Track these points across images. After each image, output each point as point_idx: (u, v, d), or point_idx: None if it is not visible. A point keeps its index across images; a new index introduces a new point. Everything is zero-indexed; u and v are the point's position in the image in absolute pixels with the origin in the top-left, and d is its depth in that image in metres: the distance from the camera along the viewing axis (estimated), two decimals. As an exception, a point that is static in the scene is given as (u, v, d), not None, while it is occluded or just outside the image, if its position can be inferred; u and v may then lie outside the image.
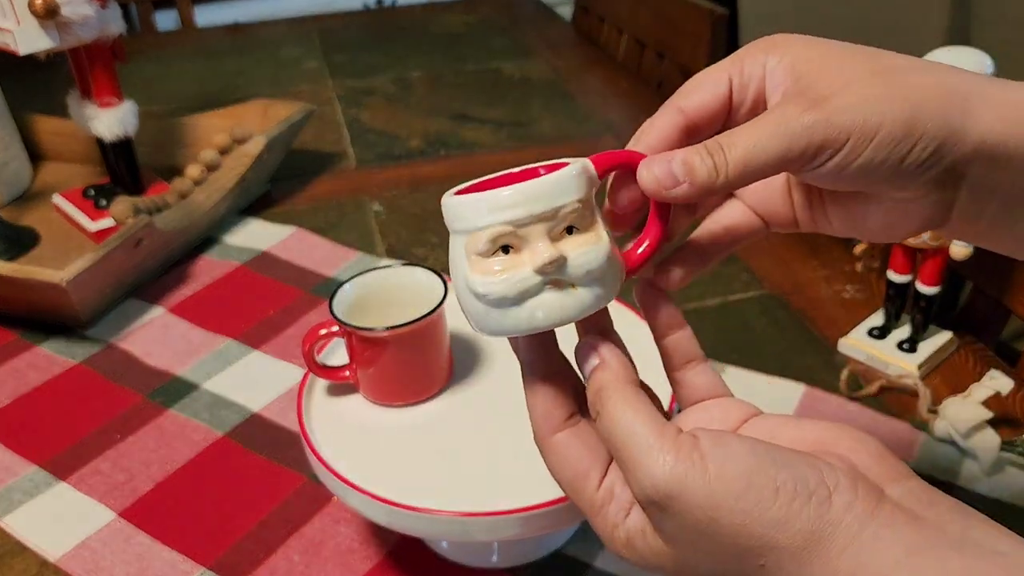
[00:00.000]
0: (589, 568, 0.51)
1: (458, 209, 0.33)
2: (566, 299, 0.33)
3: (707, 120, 0.35)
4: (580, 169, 0.33)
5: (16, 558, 0.53)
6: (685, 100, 0.34)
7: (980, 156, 0.31)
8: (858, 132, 0.30)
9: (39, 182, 0.94)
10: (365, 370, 0.50)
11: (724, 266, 0.78)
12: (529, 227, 0.32)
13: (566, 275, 0.32)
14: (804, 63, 0.32)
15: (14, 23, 0.71)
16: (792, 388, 0.63)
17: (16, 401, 0.65)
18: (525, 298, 0.32)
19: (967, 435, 0.56)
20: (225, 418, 0.62)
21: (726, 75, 0.34)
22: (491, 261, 0.32)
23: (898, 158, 0.30)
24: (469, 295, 0.33)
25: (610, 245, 0.33)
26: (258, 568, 0.51)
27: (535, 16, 1.54)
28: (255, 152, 0.85)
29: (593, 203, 0.34)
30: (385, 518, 0.44)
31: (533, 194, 0.32)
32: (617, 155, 0.34)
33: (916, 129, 0.30)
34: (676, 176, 0.32)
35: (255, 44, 1.42)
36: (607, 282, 0.33)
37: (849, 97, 0.30)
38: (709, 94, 0.34)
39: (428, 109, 1.15)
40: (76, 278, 0.67)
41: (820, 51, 0.33)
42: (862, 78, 0.31)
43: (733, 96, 0.34)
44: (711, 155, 0.32)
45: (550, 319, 0.33)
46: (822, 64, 0.32)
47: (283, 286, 0.77)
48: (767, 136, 0.31)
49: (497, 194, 0.32)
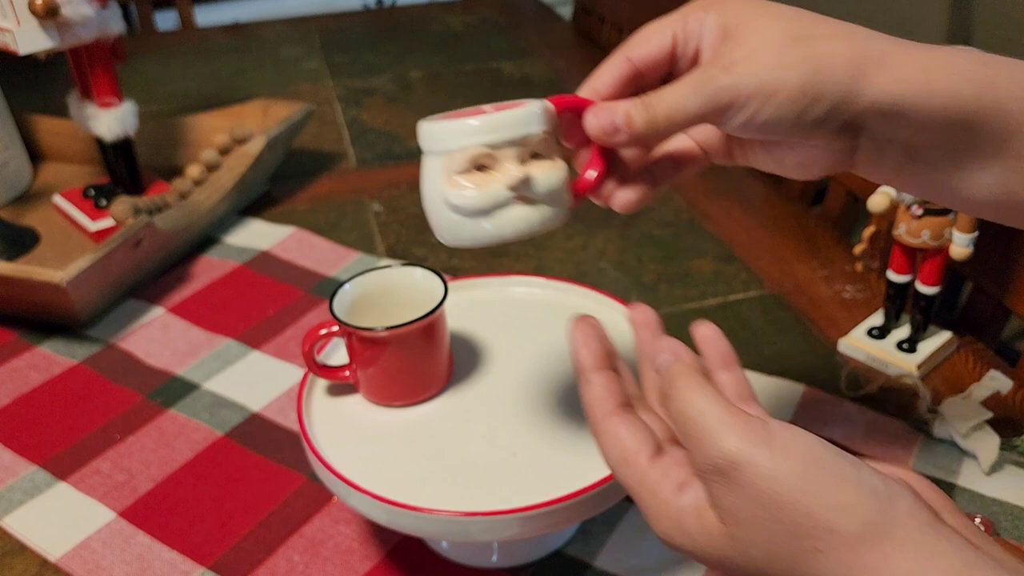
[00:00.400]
0: (589, 568, 0.51)
1: (440, 132, 0.38)
2: (531, 212, 0.39)
3: (652, 69, 0.40)
4: (544, 106, 0.38)
5: (16, 558, 0.53)
6: (634, 51, 0.39)
7: (875, 113, 0.36)
8: (760, 95, 0.35)
9: (39, 182, 0.94)
10: (365, 370, 0.50)
11: (724, 265, 0.78)
12: (502, 150, 0.37)
13: (532, 192, 0.38)
14: (733, 24, 0.37)
15: (14, 23, 0.71)
16: (792, 388, 0.63)
17: (16, 401, 0.65)
18: (495, 209, 0.38)
19: (967, 435, 0.56)
20: (225, 418, 0.62)
21: (671, 30, 0.39)
22: (466, 178, 0.38)
23: (795, 115, 0.36)
24: (444, 208, 0.38)
25: (565, 171, 0.39)
26: (258, 568, 0.51)
27: (535, 16, 1.54)
28: (255, 152, 0.86)
29: (553, 136, 0.39)
30: (385, 518, 0.44)
31: (507, 122, 0.37)
32: (572, 99, 0.40)
33: (811, 92, 0.35)
34: (617, 124, 0.38)
35: (255, 44, 1.42)
36: (564, 201, 0.40)
37: (755, 65, 0.35)
38: (655, 46, 0.39)
39: (428, 109, 1.14)
40: (76, 278, 0.67)
41: (749, 11, 0.37)
42: (773, 45, 0.36)
43: (676, 49, 0.39)
44: (646, 107, 0.37)
45: (517, 229, 0.38)
46: (748, 27, 0.37)
47: (283, 286, 0.77)
48: (688, 95, 0.37)
49: (477, 119, 0.37)
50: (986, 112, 0.35)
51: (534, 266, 0.79)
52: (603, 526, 0.53)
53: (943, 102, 0.35)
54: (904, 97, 0.35)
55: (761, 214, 0.87)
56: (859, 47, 0.36)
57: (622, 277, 0.77)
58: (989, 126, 0.36)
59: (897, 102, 0.35)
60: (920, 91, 0.35)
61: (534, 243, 0.82)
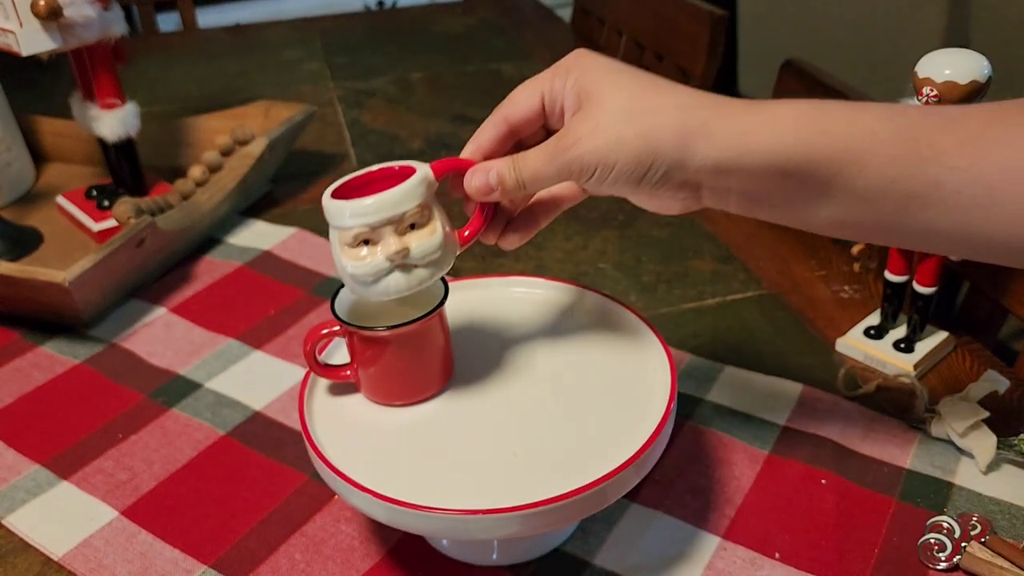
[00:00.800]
0: (588, 566, 0.51)
1: (331, 211, 0.44)
2: (410, 277, 0.45)
3: (526, 125, 0.46)
4: (421, 179, 0.44)
5: (19, 556, 0.53)
6: (508, 111, 0.45)
7: (704, 173, 0.41)
8: (601, 165, 0.42)
9: (42, 183, 0.95)
10: (366, 370, 0.50)
11: (723, 266, 0.79)
12: (381, 228, 0.44)
13: (410, 260, 0.45)
14: (587, 92, 0.43)
15: (16, 24, 0.72)
16: (790, 387, 0.63)
17: (19, 400, 0.65)
18: (380, 278, 0.45)
19: (964, 434, 0.56)
20: (227, 417, 0.63)
21: (539, 91, 0.45)
22: (356, 250, 0.44)
23: (635, 180, 0.42)
24: (344, 272, 0.45)
25: (443, 234, 0.45)
26: (260, 566, 0.52)
27: (535, 18, 1.54)
28: (257, 153, 0.86)
29: (432, 202, 0.45)
30: (386, 516, 0.44)
31: (384, 203, 0.43)
32: (452, 162, 0.46)
33: (645, 162, 0.41)
34: (491, 185, 0.45)
35: (256, 45, 1.42)
36: (441, 262, 0.46)
37: (596, 140, 0.41)
38: (526, 107, 0.45)
39: (429, 110, 1.16)
40: (79, 278, 0.67)
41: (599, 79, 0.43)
42: (614, 119, 0.41)
43: (546, 107, 0.45)
44: (514, 170, 0.44)
45: (399, 291, 0.45)
46: (596, 98, 0.42)
47: (284, 286, 0.77)
48: (545, 162, 0.43)
49: (358, 203, 0.43)
50: (806, 163, 0.40)
51: (534, 266, 0.80)
52: (602, 524, 0.53)
53: (762, 160, 0.40)
54: (726, 160, 0.41)
55: (760, 215, 0.87)
56: (685, 120, 0.41)
57: (621, 277, 0.78)
58: (811, 174, 0.41)
59: (720, 164, 0.41)
60: (740, 154, 0.41)
61: (534, 243, 0.83)
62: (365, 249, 0.44)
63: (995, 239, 0.41)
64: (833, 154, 0.40)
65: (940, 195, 0.40)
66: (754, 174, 0.41)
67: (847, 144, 0.40)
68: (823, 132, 0.40)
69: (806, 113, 0.41)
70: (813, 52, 1.75)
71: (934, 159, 0.40)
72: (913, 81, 0.56)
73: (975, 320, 0.71)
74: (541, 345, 0.54)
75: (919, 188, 0.40)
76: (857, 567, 0.50)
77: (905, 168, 0.40)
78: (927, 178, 0.40)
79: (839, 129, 0.40)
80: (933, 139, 0.40)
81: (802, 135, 0.40)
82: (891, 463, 0.56)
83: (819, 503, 0.54)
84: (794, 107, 0.41)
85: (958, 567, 0.49)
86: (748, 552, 0.51)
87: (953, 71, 0.53)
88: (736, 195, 0.43)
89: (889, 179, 0.40)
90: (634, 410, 0.49)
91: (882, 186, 0.40)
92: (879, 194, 0.41)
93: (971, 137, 0.40)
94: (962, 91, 0.53)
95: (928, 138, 0.40)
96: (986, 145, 0.39)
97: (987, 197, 0.39)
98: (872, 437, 0.58)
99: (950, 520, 0.52)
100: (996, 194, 0.39)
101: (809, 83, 0.89)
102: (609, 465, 0.44)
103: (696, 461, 0.57)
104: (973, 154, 0.39)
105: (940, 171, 0.40)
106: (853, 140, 0.40)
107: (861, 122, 0.41)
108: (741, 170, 0.41)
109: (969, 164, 0.39)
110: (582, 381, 0.51)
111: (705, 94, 0.43)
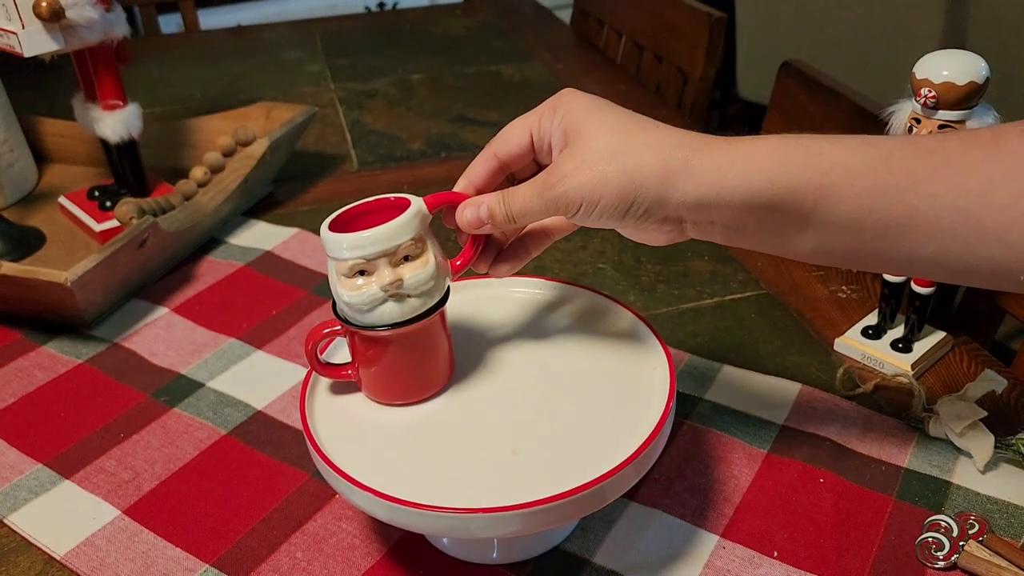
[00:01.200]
0: (588, 564, 0.51)
1: (328, 243, 0.46)
2: (403, 307, 0.47)
3: (516, 160, 0.48)
4: (415, 213, 0.46)
5: (22, 555, 0.54)
6: (499, 147, 0.47)
7: (685, 209, 0.43)
8: (586, 202, 0.43)
9: (44, 183, 0.95)
10: (367, 369, 0.51)
11: (721, 266, 0.79)
12: (376, 260, 0.46)
13: (403, 290, 0.46)
14: (573, 129, 0.44)
15: (19, 25, 0.72)
16: (789, 387, 0.63)
17: (21, 400, 0.66)
18: (375, 307, 0.47)
19: (962, 434, 0.56)
20: (229, 416, 0.63)
21: (528, 129, 0.47)
22: (352, 280, 0.46)
23: (619, 215, 0.43)
24: (340, 300, 0.47)
25: (435, 266, 0.47)
26: (261, 565, 0.52)
27: (535, 19, 1.55)
28: (258, 154, 0.86)
29: (425, 235, 0.47)
30: (387, 515, 0.45)
31: (379, 237, 0.45)
32: (445, 196, 0.48)
33: (628, 199, 0.43)
34: (482, 219, 0.47)
35: (258, 47, 1.43)
36: (433, 291, 0.48)
37: (581, 177, 0.43)
38: (516, 144, 0.47)
39: (429, 111, 1.16)
40: (81, 278, 0.67)
41: (585, 117, 0.44)
42: (598, 157, 0.43)
43: (534, 143, 0.47)
44: (504, 204, 0.46)
45: (393, 319, 0.47)
46: (581, 135, 0.44)
47: (286, 286, 0.78)
48: (532, 197, 0.45)
49: (355, 236, 0.45)
50: (781, 197, 0.42)
51: (534, 266, 0.80)
52: (602, 523, 0.53)
53: (739, 195, 0.42)
54: (705, 196, 0.42)
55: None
56: (667, 159, 0.42)
57: (621, 277, 0.78)
58: (788, 207, 0.42)
59: (700, 200, 0.42)
60: (718, 191, 0.42)
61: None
62: (361, 279, 0.46)
63: (978, 265, 0.41)
64: (808, 187, 0.41)
65: (919, 223, 0.41)
66: (733, 209, 0.42)
67: (821, 178, 0.41)
68: (799, 165, 0.41)
69: (779, 149, 0.42)
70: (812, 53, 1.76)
71: (911, 188, 0.40)
72: (911, 82, 0.56)
73: (973, 320, 0.71)
74: (541, 345, 0.55)
75: (897, 217, 0.41)
76: (855, 566, 0.50)
77: (882, 198, 0.41)
78: (905, 207, 0.41)
79: (813, 162, 0.41)
80: (909, 168, 0.41)
81: (776, 170, 0.42)
82: (889, 462, 0.57)
83: (817, 502, 0.54)
84: (769, 143, 0.43)
85: (956, 566, 0.49)
86: (747, 551, 0.51)
87: (951, 72, 0.54)
88: (719, 228, 0.44)
89: (866, 209, 0.41)
90: (633, 409, 0.49)
91: (860, 216, 0.41)
92: (857, 224, 0.42)
93: (945, 164, 0.40)
94: (960, 92, 0.54)
95: (903, 167, 0.41)
96: (961, 172, 0.40)
97: (965, 224, 0.40)
98: (870, 436, 0.59)
99: (948, 519, 0.52)
100: (973, 220, 0.40)
101: (808, 84, 0.90)
102: (608, 464, 0.44)
103: (695, 460, 0.58)
104: (948, 182, 0.40)
105: (918, 199, 0.40)
106: (827, 174, 0.41)
107: (835, 155, 0.42)
108: (720, 205, 0.42)
109: (945, 191, 0.40)
110: (581, 380, 0.52)
111: (688, 133, 0.44)
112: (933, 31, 1.54)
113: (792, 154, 0.42)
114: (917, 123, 0.57)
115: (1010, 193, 0.39)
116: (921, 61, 0.55)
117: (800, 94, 0.91)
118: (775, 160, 0.42)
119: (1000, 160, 0.40)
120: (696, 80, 1.13)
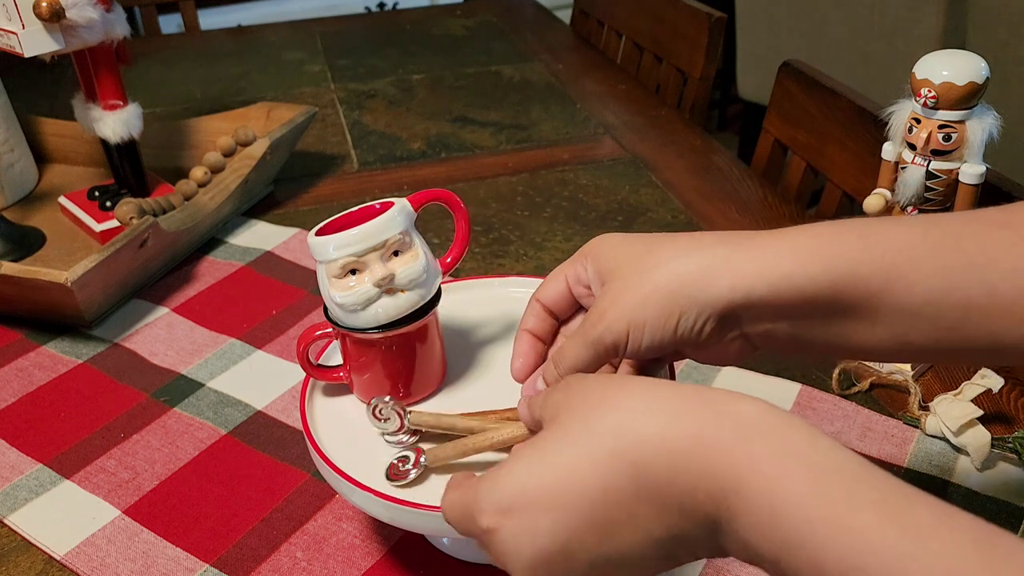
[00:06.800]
0: (587, 564, 0.51)
1: (316, 247, 0.47)
2: (398, 301, 0.47)
3: (559, 307, 0.47)
4: (400, 208, 0.47)
5: (22, 555, 0.54)
6: (542, 295, 0.47)
7: (737, 307, 0.39)
8: (632, 329, 0.40)
9: (45, 184, 0.95)
10: (359, 371, 0.51)
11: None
12: (366, 256, 0.46)
13: (396, 285, 0.47)
14: (605, 269, 0.43)
15: (19, 26, 0.72)
16: (788, 387, 0.63)
17: (22, 400, 0.66)
18: (369, 304, 0.47)
19: (959, 432, 0.56)
20: (229, 416, 0.63)
21: (564, 277, 0.46)
22: (344, 280, 0.47)
23: (671, 332, 0.40)
24: (332, 304, 0.47)
25: (426, 260, 0.48)
26: (261, 564, 0.52)
27: (535, 20, 1.55)
28: (258, 154, 0.86)
29: (412, 231, 0.48)
30: (387, 515, 0.45)
31: (367, 233, 0.46)
32: (428, 194, 0.49)
33: (675, 312, 0.40)
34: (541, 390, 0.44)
35: (258, 47, 1.43)
36: (427, 285, 0.48)
37: (620, 307, 0.41)
38: (555, 291, 0.47)
39: (429, 112, 1.16)
40: (81, 278, 0.67)
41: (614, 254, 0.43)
42: (634, 284, 0.41)
43: (572, 289, 0.46)
44: (556, 367, 0.44)
45: (389, 315, 0.47)
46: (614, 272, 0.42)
47: (286, 286, 0.78)
48: (580, 348, 0.43)
49: (341, 235, 0.46)
50: (844, 281, 0.38)
51: (534, 266, 0.80)
52: (601, 523, 0.53)
53: (795, 283, 0.38)
54: (756, 290, 0.39)
55: (757, 215, 0.88)
56: (704, 258, 0.40)
57: (621, 278, 0.78)
58: (851, 292, 0.38)
59: (751, 296, 0.39)
60: (769, 281, 0.38)
61: (534, 243, 0.83)
62: (353, 279, 0.47)
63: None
64: (871, 269, 0.38)
65: (1000, 303, 0.37)
66: (789, 302, 0.39)
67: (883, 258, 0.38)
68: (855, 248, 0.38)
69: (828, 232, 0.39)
70: (812, 54, 1.76)
71: (987, 265, 0.37)
72: (911, 82, 0.56)
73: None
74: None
75: (977, 298, 0.37)
76: (854, 565, 0.50)
77: (958, 277, 0.37)
78: (984, 287, 0.37)
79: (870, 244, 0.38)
80: (981, 244, 0.37)
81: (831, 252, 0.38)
82: (889, 462, 0.57)
83: (817, 502, 0.54)
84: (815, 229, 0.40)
85: (954, 565, 0.49)
86: (746, 550, 0.51)
87: (951, 72, 0.54)
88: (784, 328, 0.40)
89: (941, 291, 0.37)
90: (633, 409, 0.49)
91: (935, 299, 0.38)
92: (933, 309, 0.38)
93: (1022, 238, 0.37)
94: (960, 92, 0.54)
95: (975, 244, 0.37)
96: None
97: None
98: (870, 436, 0.59)
99: (947, 518, 0.52)
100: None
101: (808, 84, 0.90)
102: (608, 463, 0.44)
103: (695, 460, 0.58)
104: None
105: (998, 276, 0.37)
106: (889, 253, 0.38)
107: (893, 235, 0.38)
108: (774, 300, 0.39)
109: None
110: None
111: (725, 232, 0.41)
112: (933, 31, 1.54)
113: (845, 235, 0.39)
114: (917, 123, 0.57)
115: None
116: (921, 61, 0.55)
117: (800, 94, 0.91)
118: (827, 243, 0.39)
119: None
120: (696, 80, 1.14)
